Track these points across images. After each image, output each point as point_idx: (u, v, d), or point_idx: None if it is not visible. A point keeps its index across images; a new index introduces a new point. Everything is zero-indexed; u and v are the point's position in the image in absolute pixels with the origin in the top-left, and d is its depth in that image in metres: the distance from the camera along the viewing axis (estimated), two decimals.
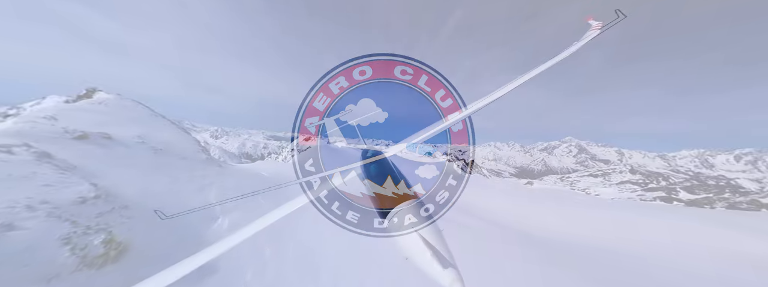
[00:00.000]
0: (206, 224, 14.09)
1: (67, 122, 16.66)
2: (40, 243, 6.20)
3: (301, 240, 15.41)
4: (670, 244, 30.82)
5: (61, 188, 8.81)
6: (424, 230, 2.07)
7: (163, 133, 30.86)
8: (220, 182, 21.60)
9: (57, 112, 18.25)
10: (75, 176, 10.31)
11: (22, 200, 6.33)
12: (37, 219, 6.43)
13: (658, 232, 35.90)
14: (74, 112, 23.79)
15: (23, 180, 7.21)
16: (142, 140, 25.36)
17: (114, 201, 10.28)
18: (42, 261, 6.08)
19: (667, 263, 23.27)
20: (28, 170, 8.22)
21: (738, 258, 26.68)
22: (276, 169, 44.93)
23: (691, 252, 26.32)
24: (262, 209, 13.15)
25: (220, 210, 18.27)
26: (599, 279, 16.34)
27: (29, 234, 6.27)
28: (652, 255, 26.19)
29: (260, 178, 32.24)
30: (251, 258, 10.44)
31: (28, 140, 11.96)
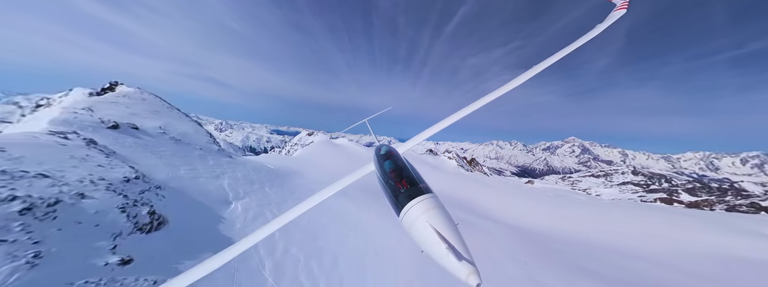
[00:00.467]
0: (224, 207, 15.98)
1: (102, 113, 18.30)
2: (106, 209, 7.80)
3: (304, 226, 16.93)
4: (658, 241, 31.85)
5: (109, 169, 10.46)
6: (438, 224, 2.07)
7: (181, 125, 32.62)
8: (231, 172, 23.44)
9: (91, 104, 20.30)
10: (117, 160, 12.07)
11: (87, 177, 7.85)
12: (100, 192, 8.00)
13: (647, 229, 36.77)
14: (104, 104, 25.69)
15: (82, 161, 8.76)
16: (164, 130, 27.51)
17: (149, 182, 12.04)
18: (108, 223, 7.70)
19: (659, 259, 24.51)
20: (83, 153, 9.87)
21: (711, 253, 27.69)
22: (280, 162, 46.31)
23: (681, 250, 27.42)
24: (268, 198, 15.26)
25: (232, 197, 20.04)
26: (581, 268, 17.75)
27: (97, 202, 7.89)
28: (639, 250, 27.40)
29: (266, 170, 33.60)
30: (264, 237, 12.06)
31: (76, 129, 13.79)
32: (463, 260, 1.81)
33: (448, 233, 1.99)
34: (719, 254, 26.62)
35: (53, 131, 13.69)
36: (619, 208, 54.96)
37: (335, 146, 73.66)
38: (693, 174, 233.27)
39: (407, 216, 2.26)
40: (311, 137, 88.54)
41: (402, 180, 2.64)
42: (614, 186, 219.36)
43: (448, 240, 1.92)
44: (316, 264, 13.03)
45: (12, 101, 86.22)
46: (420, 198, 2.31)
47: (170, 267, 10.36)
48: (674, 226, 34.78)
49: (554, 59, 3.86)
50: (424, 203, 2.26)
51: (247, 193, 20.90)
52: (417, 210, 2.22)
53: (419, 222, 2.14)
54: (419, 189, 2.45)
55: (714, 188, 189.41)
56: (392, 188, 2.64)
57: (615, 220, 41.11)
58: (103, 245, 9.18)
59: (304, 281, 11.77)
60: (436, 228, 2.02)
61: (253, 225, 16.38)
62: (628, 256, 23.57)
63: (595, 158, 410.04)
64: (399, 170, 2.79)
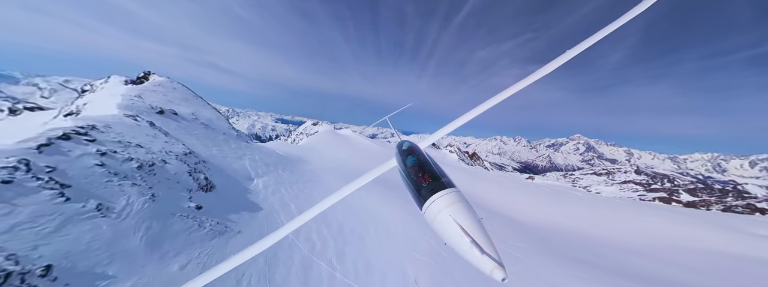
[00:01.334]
0: (248, 182, 18.95)
1: (149, 100, 21.21)
2: (180, 173, 10.67)
3: (317, 201, 19.66)
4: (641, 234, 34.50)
5: (171, 144, 13.29)
6: (461, 217, 2.07)
7: (206, 112, 35.88)
8: (250, 155, 26.46)
9: (139, 92, 23.84)
10: (172, 138, 15.04)
11: (162, 149, 10.53)
12: (173, 160, 10.88)
13: (635, 224, 39.40)
14: (147, 92, 29.21)
15: (154, 138, 11.51)
16: (195, 116, 31.03)
17: (198, 157, 14.92)
18: (183, 182, 10.57)
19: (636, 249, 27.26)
20: (152, 132, 12.77)
21: (690, 246, 30.21)
22: (288, 149, 49.29)
23: (661, 243, 29.88)
24: (282, 179, 19.25)
25: (254, 174, 23.04)
26: (563, 254, 20.39)
27: (174, 167, 10.75)
28: (623, 242, 30.08)
29: (277, 155, 36.54)
30: (282, 208, 14.95)
31: (137, 113, 16.78)
32: (486, 254, 1.82)
33: (471, 227, 2.01)
34: (698, 248, 28.98)
35: (128, 114, 17.12)
36: (613, 205, 56.96)
37: (339, 136, 75.93)
38: (698, 175, 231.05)
39: (429, 210, 2.29)
40: (316, 127, 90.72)
41: (424, 175, 2.69)
42: (615, 185, 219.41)
43: (471, 234, 1.93)
44: (325, 229, 15.92)
45: (32, 83, 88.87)
46: (442, 192, 2.33)
47: (224, 215, 14.82)
48: (666, 222, 37.03)
49: (585, 46, 3.56)
50: (446, 198, 2.27)
51: (264, 173, 23.96)
52: (439, 204, 2.24)
53: (442, 215, 2.16)
54: (441, 183, 2.47)
55: (716, 189, 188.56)
56: (414, 183, 2.68)
57: (606, 215, 43.41)
58: (183, 195, 14.04)
59: (316, 240, 14.85)
60: (458, 222, 2.03)
61: (273, 197, 19.42)
62: (611, 247, 25.96)
63: (599, 156, 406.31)
64: (421, 165, 2.83)
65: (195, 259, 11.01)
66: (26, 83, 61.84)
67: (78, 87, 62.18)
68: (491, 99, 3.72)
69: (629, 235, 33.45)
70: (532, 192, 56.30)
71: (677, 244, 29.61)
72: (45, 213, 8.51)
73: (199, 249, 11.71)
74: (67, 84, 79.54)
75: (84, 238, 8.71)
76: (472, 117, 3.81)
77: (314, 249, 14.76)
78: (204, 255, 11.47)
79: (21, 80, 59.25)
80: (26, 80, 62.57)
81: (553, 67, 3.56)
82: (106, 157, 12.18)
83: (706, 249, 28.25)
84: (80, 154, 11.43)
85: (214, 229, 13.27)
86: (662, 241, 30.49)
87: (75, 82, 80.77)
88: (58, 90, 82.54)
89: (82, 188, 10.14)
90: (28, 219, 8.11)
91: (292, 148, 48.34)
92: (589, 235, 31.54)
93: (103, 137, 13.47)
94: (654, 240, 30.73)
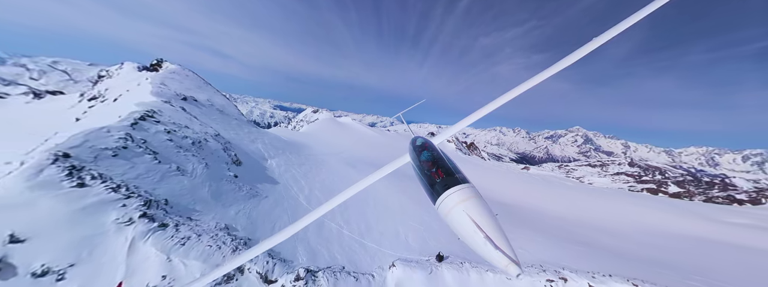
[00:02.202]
0: (264, 162, 23.97)
1: (171, 87, 25.42)
2: (218, 149, 15.49)
3: (322, 182, 24.62)
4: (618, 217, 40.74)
5: (205, 127, 17.82)
6: (475, 213, 2.07)
7: (218, 98, 40.11)
8: (261, 139, 31.36)
9: (162, 79, 28.21)
10: (202, 122, 19.63)
11: (201, 129, 14.97)
12: (211, 139, 15.57)
13: (610, 209, 45.66)
14: (167, 79, 32.98)
15: (191, 120, 15.91)
16: (211, 102, 35.20)
17: (224, 138, 19.62)
18: (222, 156, 15.47)
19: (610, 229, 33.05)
20: (187, 115, 17.22)
21: (659, 229, 36.32)
22: (291, 136, 54.03)
23: (632, 225, 35.68)
24: (291, 161, 26.05)
25: (267, 156, 27.92)
26: (535, 227, 25.91)
27: (213, 144, 15.53)
28: (596, 224, 36.15)
29: (282, 141, 41.47)
30: (295, 183, 20.01)
31: (168, 98, 21.18)
32: (501, 250, 1.81)
33: (485, 222, 2.00)
34: (663, 230, 34.65)
35: (164, 100, 20.96)
36: (597, 193, 62.47)
37: (340, 124, 79.41)
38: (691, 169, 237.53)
39: (443, 205, 2.29)
40: (316, 115, 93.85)
41: (438, 170, 2.70)
42: (608, 176, 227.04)
43: (485, 230, 1.93)
44: (330, 199, 20.53)
45: (19, 63, 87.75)
46: (456, 188, 2.33)
47: (253, 184, 19.39)
48: (640, 209, 42.76)
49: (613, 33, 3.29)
50: (460, 193, 2.27)
51: (275, 155, 28.25)
52: (453, 200, 2.25)
53: (455, 210, 2.16)
54: (455, 179, 2.47)
55: (704, 182, 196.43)
56: (428, 178, 2.70)
57: (587, 201, 49.04)
58: (224, 166, 18.05)
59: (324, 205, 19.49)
60: (472, 218, 2.03)
61: (286, 174, 23.88)
62: (580, 225, 31.42)
63: (596, 148, 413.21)
64: (435, 161, 2.85)
65: (242, 210, 15.48)
66: (13, 64, 61.31)
67: (67, 69, 63.25)
68: (515, 89, 3.51)
69: (602, 218, 38.92)
70: (523, 180, 61.62)
71: (646, 227, 35.09)
72: (151, 170, 12.83)
73: (242, 204, 16.17)
74: (56, 65, 78.59)
75: (176, 187, 13.10)
76: (493, 108, 3.64)
77: (324, 215, 19.50)
78: (247, 209, 15.95)
79: (7, 59, 58.84)
80: (12, 61, 61.85)
81: (580, 55, 3.30)
82: (170, 134, 16.32)
83: (669, 232, 33.71)
84: (155, 131, 15.59)
85: (249, 193, 17.69)
86: (632, 224, 35.91)
87: (63, 63, 79.53)
88: (47, 72, 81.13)
89: (164, 155, 14.38)
90: (144, 171, 12.46)
91: (295, 134, 52.24)
92: (563, 216, 36.86)
93: (163, 119, 17.53)
94: (624, 224, 36.22)
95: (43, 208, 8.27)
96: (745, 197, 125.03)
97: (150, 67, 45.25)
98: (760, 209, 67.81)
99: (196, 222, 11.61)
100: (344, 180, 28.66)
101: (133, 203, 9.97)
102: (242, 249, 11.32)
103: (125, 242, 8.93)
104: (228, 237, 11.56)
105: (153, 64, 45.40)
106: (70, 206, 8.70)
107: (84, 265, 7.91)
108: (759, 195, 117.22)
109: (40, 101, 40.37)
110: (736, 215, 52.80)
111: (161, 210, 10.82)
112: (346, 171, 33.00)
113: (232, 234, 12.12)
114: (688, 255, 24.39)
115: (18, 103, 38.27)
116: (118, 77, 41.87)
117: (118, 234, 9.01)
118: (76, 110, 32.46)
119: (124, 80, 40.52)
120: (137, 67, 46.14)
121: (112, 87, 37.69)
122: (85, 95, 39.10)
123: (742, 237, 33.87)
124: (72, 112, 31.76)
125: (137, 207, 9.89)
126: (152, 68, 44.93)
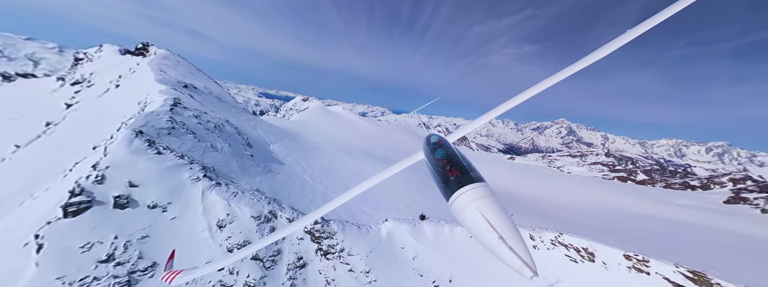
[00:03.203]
0: (267, 146, 28.47)
1: (169, 73, 27.94)
2: (233, 133, 20.74)
3: (321, 165, 29.57)
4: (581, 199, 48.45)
5: (216, 113, 21.61)
6: (489, 212, 2.07)
7: (213, 86, 42.87)
8: (259, 126, 35.41)
9: (160, 65, 31.17)
10: (211, 108, 23.40)
11: (215, 115, 18.82)
12: (226, 124, 19.44)
13: (578, 193, 53.75)
14: (163, 65, 35.34)
15: (203, 107, 19.51)
16: (209, 90, 38.27)
17: (232, 124, 23.58)
18: (238, 139, 20.87)
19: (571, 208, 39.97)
20: (197, 102, 20.76)
21: (613, 209, 43.88)
22: (284, 124, 57.82)
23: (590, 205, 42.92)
24: (289, 146, 32.31)
25: (269, 141, 32.21)
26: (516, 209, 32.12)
27: (229, 129, 20.38)
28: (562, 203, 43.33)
29: (278, 128, 45.64)
30: (297, 165, 24.75)
31: (173, 86, 24.24)
32: (514, 251, 1.80)
33: (499, 222, 1.99)
34: (618, 210, 41.81)
35: (175, 88, 23.71)
36: (575, 180, 70.44)
37: (331, 113, 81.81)
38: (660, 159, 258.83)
39: (456, 203, 2.31)
40: (306, 103, 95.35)
41: (452, 168, 2.74)
42: (586, 165, 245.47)
43: (499, 230, 1.93)
44: (330, 178, 25.06)
45: None
46: (470, 186, 2.34)
47: (266, 163, 23.58)
48: (604, 193, 50.26)
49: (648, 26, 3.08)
50: (474, 192, 2.28)
51: (276, 141, 31.94)
52: (466, 198, 2.27)
53: (468, 209, 2.18)
54: (470, 177, 2.49)
55: (668, 171, 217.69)
56: (442, 176, 2.74)
57: (561, 186, 56.38)
58: (241, 147, 21.37)
59: (326, 182, 23.83)
60: (486, 217, 2.04)
61: (289, 158, 27.99)
62: (547, 204, 37.79)
63: (578, 140, 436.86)
64: (449, 158, 2.89)
65: (263, 180, 19.44)
66: None
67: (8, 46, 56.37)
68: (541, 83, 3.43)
69: (573, 200, 45.95)
70: (508, 169, 68.48)
71: (609, 208, 42.40)
72: (195, 146, 16.51)
73: (262, 176, 20.11)
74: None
75: (214, 160, 16.88)
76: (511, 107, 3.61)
77: (332, 191, 24.36)
78: (266, 180, 19.95)
79: None
80: None
81: (613, 48, 3.10)
82: (198, 119, 19.72)
83: (625, 211, 41.02)
84: (187, 116, 19.00)
85: (265, 169, 21.59)
86: (598, 206, 43.08)
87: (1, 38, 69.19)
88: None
89: (200, 135, 17.94)
90: (191, 147, 16.16)
91: (286, 123, 54.80)
92: (540, 199, 43.39)
93: (189, 105, 20.75)
94: (592, 205, 43.41)
95: (142, 167, 11.91)
96: (698, 184, 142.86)
97: (135, 51, 44.22)
98: (708, 193, 79.49)
99: (235, 185, 15.52)
100: (341, 165, 32.87)
101: (195, 167, 13.70)
102: (273, 203, 15.49)
103: (198, 191, 12.82)
104: (261, 195, 15.60)
105: (138, 48, 44.64)
106: (158, 166, 12.36)
107: (177, 203, 11.79)
108: (709, 182, 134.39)
109: (10, 83, 39.36)
110: (684, 198, 62.72)
111: (213, 174, 14.65)
112: (342, 158, 37.13)
113: (263, 194, 16.15)
114: (631, 227, 31.17)
115: None
116: (100, 61, 42.02)
117: (192, 186, 12.85)
118: (61, 95, 32.79)
119: (107, 63, 41.07)
120: (119, 50, 45.12)
121: (98, 71, 38.27)
122: (67, 80, 38.76)
123: (682, 214, 42.09)
124: (56, 96, 32.24)
125: (199, 170, 13.65)
126: (138, 52, 43.98)
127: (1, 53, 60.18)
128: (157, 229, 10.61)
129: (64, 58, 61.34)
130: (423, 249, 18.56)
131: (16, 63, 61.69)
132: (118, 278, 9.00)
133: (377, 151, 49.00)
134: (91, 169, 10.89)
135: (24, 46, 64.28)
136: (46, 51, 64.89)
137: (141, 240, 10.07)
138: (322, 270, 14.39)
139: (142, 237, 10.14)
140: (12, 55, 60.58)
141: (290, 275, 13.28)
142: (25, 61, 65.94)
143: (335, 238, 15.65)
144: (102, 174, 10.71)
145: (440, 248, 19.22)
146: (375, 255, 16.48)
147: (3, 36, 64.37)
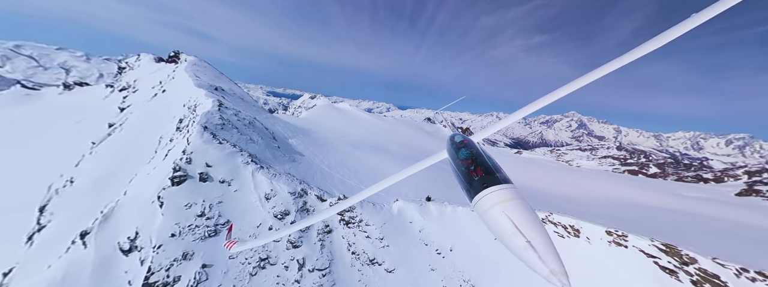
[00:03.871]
0: (288, 140, 32.98)
1: (202, 77, 32.36)
2: (263, 129, 24.70)
3: (338, 159, 34.01)
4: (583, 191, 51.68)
5: (245, 112, 25.90)
6: (516, 215, 2.02)
7: (235, 87, 47.96)
8: (278, 123, 40.18)
9: (195, 71, 35.95)
10: (240, 108, 27.97)
11: (246, 113, 22.94)
12: (255, 121, 23.59)
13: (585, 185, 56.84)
14: (196, 71, 40.47)
15: (234, 106, 23.63)
16: (232, 92, 43.49)
17: (259, 121, 28.06)
18: (266, 133, 25.02)
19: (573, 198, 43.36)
20: (230, 103, 25.01)
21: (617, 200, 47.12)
22: (295, 122, 62.41)
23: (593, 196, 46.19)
24: (306, 142, 37.95)
25: (288, 136, 36.95)
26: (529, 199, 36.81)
27: (259, 124, 23.93)
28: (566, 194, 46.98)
29: (292, 125, 50.36)
30: (315, 157, 29.32)
31: (209, 90, 29.21)
32: (542, 257, 1.73)
33: (527, 226, 1.92)
34: (623, 201, 44.12)
35: (212, 91, 27.84)
36: (582, 174, 72.08)
37: (338, 110, 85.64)
38: (676, 152, 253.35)
39: (479, 204, 2.28)
40: (314, 101, 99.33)
41: (476, 168, 2.69)
42: (596, 159, 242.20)
43: (527, 235, 1.86)
44: (344, 169, 28.86)
45: None
46: (496, 187, 2.29)
47: (290, 154, 27.76)
48: (612, 185, 52.70)
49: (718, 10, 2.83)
50: (499, 193, 2.23)
51: (294, 136, 36.06)
52: (491, 199, 2.22)
53: (493, 211, 2.13)
54: (495, 178, 2.42)
55: (683, 164, 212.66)
56: (466, 176, 2.71)
57: (567, 179, 58.98)
58: (270, 141, 25.31)
59: (342, 172, 27.73)
60: (512, 220, 1.98)
61: (307, 150, 31.98)
62: (551, 195, 40.92)
63: (589, 133, 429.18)
64: (474, 158, 2.84)
65: (291, 168, 23.42)
66: None
67: (33, 54, 61.36)
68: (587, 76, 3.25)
69: (576, 192, 48.42)
70: (514, 163, 71.20)
71: (612, 200, 44.61)
72: (239, 138, 20.57)
73: (289, 165, 24.08)
74: (20, 50, 75.25)
75: (254, 150, 20.93)
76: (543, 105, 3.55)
77: (350, 179, 28.30)
78: (293, 167, 23.94)
79: None
80: None
81: (675, 35, 2.90)
82: (237, 116, 23.81)
83: (628, 202, 43.10)
84: (230, 114, 23.11)
85: (290, 159, 25.56)
86: (601, 198, 45.24)
87: (27, 47, 75.35)
88: (11, 57, 76.63)
89: (240, 130, 21.99)
90: (237, 139, 20.21)
91: (297, 120, 58.98)
92: (542, 190, 46.22)
93: (229, 105, 24.87)
94: (595, 197, 45.63)
95: (212, 153, 15.94)
96: (711, 177, 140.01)
97: (168, 59, 50.65)
98: (720, 186, 79.77)
99: (272, 169, 19.47)
100: (352, 158, 36.78)
101: (244, 154, 17.68)
102: (303, 183, 19.43)
103: (249, 172, 16.81)
104: (293, 177, 19.49)
105: (171, 56, 50.90)
106: (221, 153, 16.37)
107: (237, 180, 15.81)
108: (723, 174, 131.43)
109: (70, 92, 45.91)
110: (692, 190, 63.64)
111: (257, 159, 18.63)
112: (353, 152, 41.00)
113: (294, 176, 20.08)
114: (627, 215, 33.91)
115: (52, 94, 44.05)
116: (139, 69, 47.62)
117: (245, 168, 16.85)
118: (112, 100, 38.62)
119: (145, 71, 46.46)
120: (154, 58, 51.51)
121: (139, 78, 43.70)
122: (115, 87, 44.89)
123: (685, 204, 43.55)
124: (109, 102, 37.95)
125: (248, 156, 17.61)
126: (170, 60, 50.34)
127: (37, 63, 66.09)
128: (226, 197, 14.63)
129: (91, 66, 67.18)
130: (428, 223, 22.21)
131: (51, 72, 67.56)
132: (209, 227, 13.06)
133: (385, 145, 52.62)
134: (181, 153, 14.98)
135: (56, 56, 70.34)
136: (76, 59, 70.92)
137: (218, 204, 14.08)
138: (344, 236, 18.22)
139: (219, 202, 14.15)
140: (47, 65, 66.73)
141: (320, 237, 17.17)
142: (58, 69, 71.78)
143: (355, 212, 19.46)
144: (189, 157, 14.80)
145: (444, 224, 22.83)
146: (388, 226, 20.20)
147: (37, 47, 70.42)
